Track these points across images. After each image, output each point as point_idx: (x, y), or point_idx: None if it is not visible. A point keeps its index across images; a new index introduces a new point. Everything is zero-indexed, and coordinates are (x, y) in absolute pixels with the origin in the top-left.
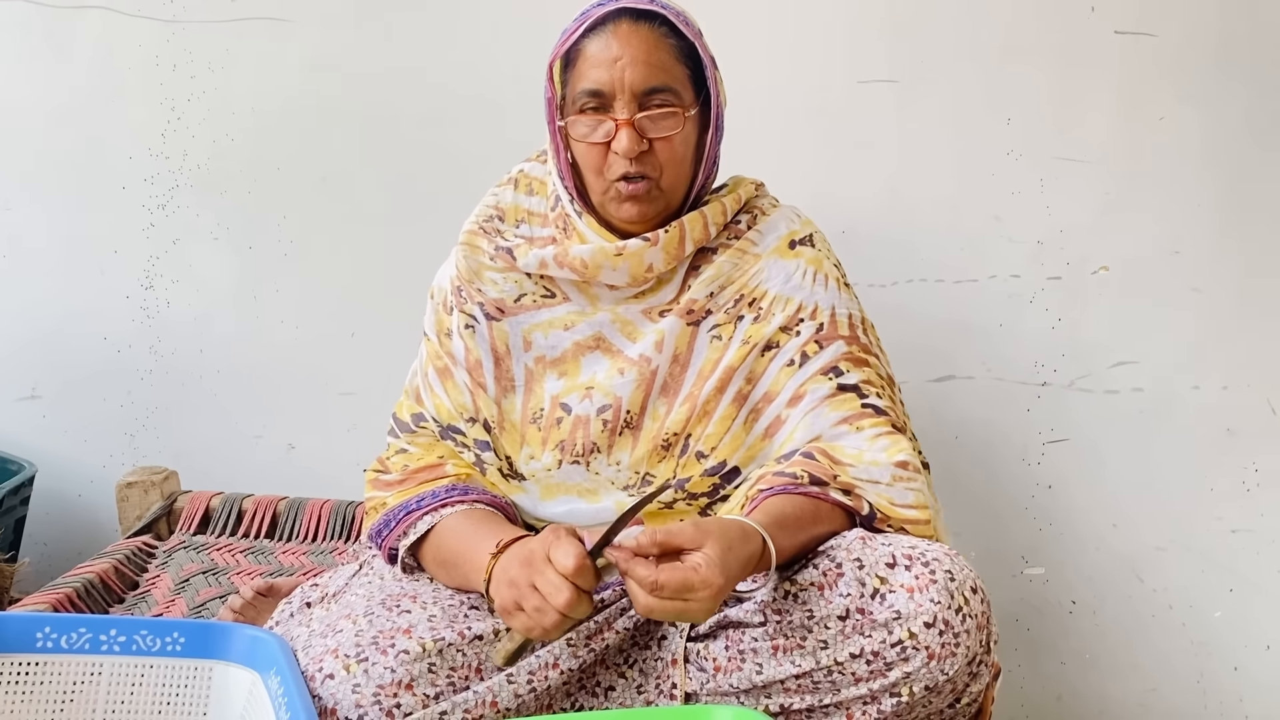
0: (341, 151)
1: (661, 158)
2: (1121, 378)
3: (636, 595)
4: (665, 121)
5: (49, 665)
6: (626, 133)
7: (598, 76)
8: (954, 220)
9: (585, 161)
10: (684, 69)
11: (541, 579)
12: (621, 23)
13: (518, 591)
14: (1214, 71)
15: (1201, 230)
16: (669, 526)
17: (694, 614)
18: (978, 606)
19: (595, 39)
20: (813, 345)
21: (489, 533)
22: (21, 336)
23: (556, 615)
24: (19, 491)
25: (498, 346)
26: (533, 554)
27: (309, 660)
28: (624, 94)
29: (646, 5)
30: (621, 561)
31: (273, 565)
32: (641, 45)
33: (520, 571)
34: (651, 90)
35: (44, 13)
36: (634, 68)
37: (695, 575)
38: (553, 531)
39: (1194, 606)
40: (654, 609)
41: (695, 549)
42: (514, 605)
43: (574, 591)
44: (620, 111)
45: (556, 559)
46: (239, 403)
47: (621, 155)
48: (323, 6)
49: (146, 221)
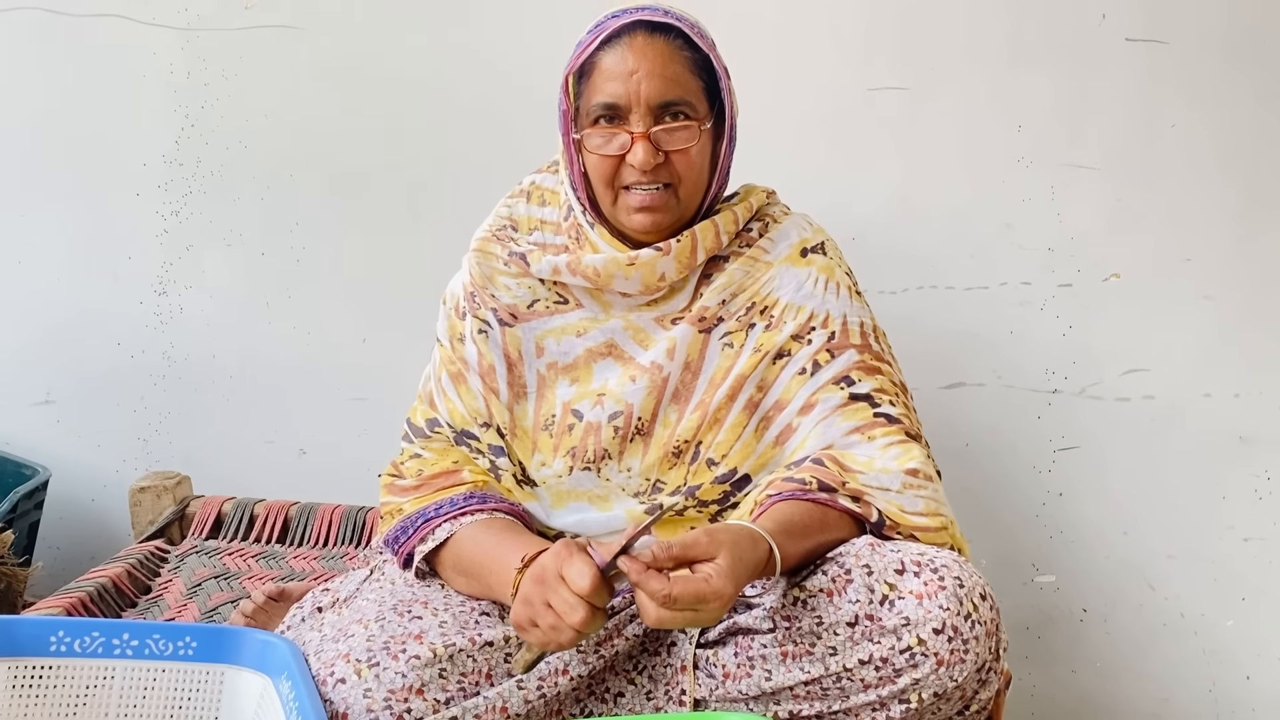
0: (354, 158)
1: (679, 168)
2: (1132, 385)
3: (646, 608)
4: (681, 135)
5: (62, 669)
6: (643, 146)
7: (613, 90)
8: (964, 227)
9: (598, 173)
10: (698, 81)
11: (556, 597)
12: (637, 35)
13: (532, 609)
14: (1225, 79)
15: (1213, 237)
16: (683, 539)
17: (703, 622)
18: (987, 613)
19: (610, 52)
20: (824, 354)
21: (512, 544)
22: (36, 341)
23: (572, 633)
24: (33, 496)
25: (510, 352)
26: (545, 571)
27: (320, 665)
28: (639, 107)
29: (662, 18)
30: (634, 574)
31: (284, 570)
32: (657, 58)
33: (534, 589)
34: (667, 104)
35: (60, 20)
36: (649, 81)
37: (707, 586)
38: (565, 547)
39: (1206, 615)
40: (665, 621)
41: (708, 559)
42: (529, 622)
43: (589, 610)
44: (636, 125)
45: (571, 578)
46: (251, 408)
47: (638, 168)
48: (335, 14)
49: (160, 228)
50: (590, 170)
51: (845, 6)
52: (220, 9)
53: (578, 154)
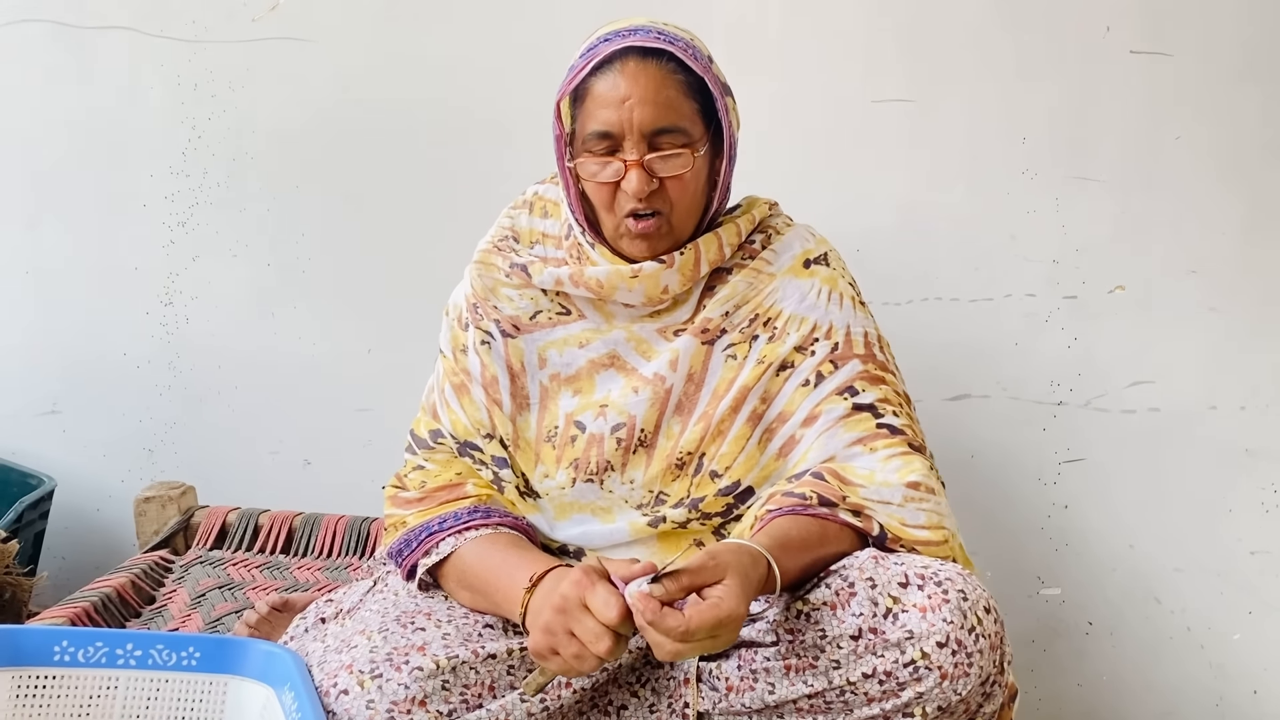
0: (360, 170)
1: (672, 195)
2: (1138, 397)
3: (661, 644)
4: (674, 161)
5: (66, 678)
6: (636, 174)
7: (606, 117)
8: (969, 239)
9: (596, 199)
10: (693, 104)
11: (580, 627)
12: (629, 61)
13: (554, 639)
14: (1230, 91)
15: (1218, 250)
16: (690, 567)
17: (720, 647)
18: (991, 626)
19: (602, 78)
20: (828, 365)
21: (518, 561)
22: (42, 352)
23: (595, 661)
24: (38, 506)
25: (513, 363)
26: (566, 600)
27: (323, 676)
28: (633, 134)
29: (654, 42)
30: (649, 614)
31: (288, 580)
32: (649, 84)
33: (555, 619)
34: (660, 130)
35: (69, 33)
36: (642, 108)
37: (721, 611)
38: (585, 576)
39: (1212, 629)
40: (683, 653)
41: (716, 583)
42: (549, 651)
43: (615, 640)
44: (630, 152)
45: (597, 608)
46: (256, 418)
47: (631, 195)
48: (342, 28)
49: (167, 239)
50: (590, 195)
51: (849, 19)
52: (227, 22)
53: (573, 178)
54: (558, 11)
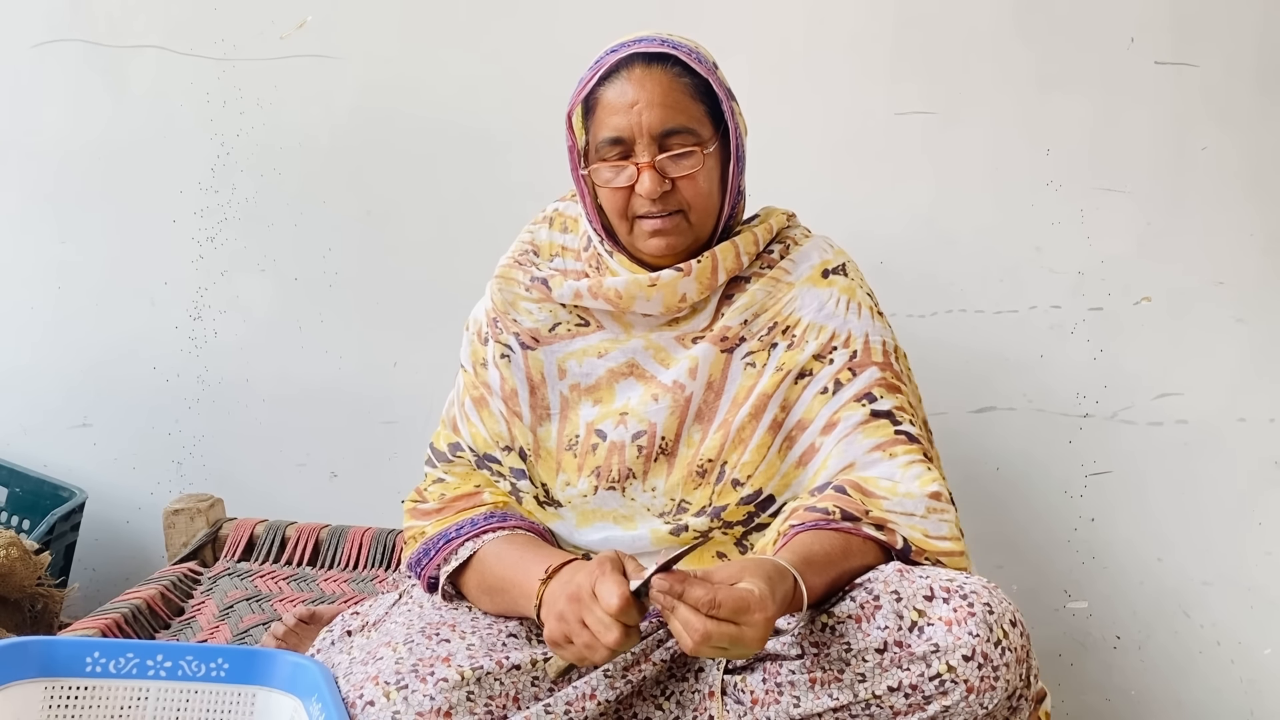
0: (386, 186)
1: (686, 195)
2: (1165, 409)
3: (688, 623)
4: (685, 161)
5: (97, 689)
6: (649, 175)
7: (616, 123)
8: (994, 251)
9: (611, 205)
10: (700, 106)
11: (591, 616)
12: (635, 68)
13: (567, 626)
14: (1256, 101)
15: (1245, 260)
16: (710, 571)
17: (747, 640)
18: (1017, 640)
19: (611, 86)
20: (846, 373)
21: (535, 558)
22: (73, 366)
23: (606, 651)
24: (70, 518)
25: (533, 375)
26: (580, 589)
27: (350, 687)
28: (643, 137)
29: (658, 48)
30: (676, 585)
31: (315, 593)
32: (656, 88)
33: (568, 607)
34: (669, 131)
35: (101, 51)
36: (650, 111)
37: (751, 596)
38: (599, 564)
39: (1243, 643)
40: (711, 633)
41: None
42: (563, 639)
43: (622, 629)
44: (641, 155)
45: (602, 596)
46: (283, 431)
47: (645, 197)
48: (369, 45)
49: (196, 253)
50: (603, 202)
51: (873, 30)
52: (256, 40)
53: (589, 188)
54: (581, 30)
